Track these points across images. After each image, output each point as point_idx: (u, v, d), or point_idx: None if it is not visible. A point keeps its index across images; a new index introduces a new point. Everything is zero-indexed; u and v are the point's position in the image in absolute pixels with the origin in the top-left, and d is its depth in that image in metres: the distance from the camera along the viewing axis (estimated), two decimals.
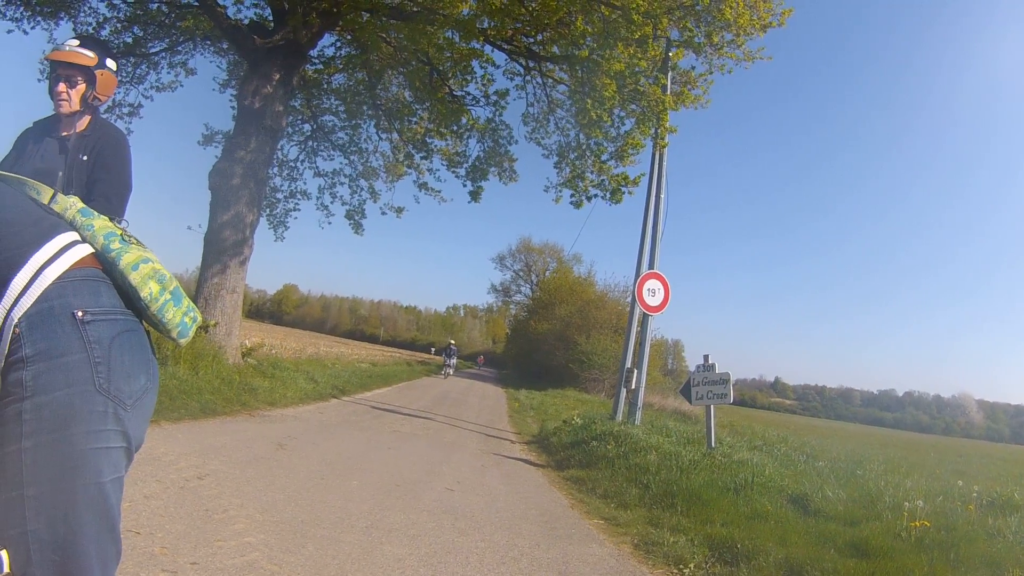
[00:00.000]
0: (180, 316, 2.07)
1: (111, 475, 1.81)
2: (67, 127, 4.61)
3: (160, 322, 2.03)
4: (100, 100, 4.56)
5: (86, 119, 4.65)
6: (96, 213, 2.05)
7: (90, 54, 4.47)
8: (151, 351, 2.03)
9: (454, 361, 52.12)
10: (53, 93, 4.52)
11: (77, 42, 4.57)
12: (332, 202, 23.52)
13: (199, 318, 2.18)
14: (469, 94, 20.08)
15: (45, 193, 2.03)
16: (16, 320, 1.75)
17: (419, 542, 6.09)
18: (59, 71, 4.50)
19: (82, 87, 4.50)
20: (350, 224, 23.49)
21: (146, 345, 2.00)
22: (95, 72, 4.48)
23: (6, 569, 1.69)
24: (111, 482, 1.81)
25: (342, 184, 23.47)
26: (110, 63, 4.56)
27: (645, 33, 14.36)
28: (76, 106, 4.51)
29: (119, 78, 4.75)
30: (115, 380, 1.82)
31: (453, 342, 53.79)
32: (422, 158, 22.39)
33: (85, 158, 4.53)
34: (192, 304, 2.13)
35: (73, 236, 1.95)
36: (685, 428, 16.21)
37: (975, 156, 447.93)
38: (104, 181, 4.57)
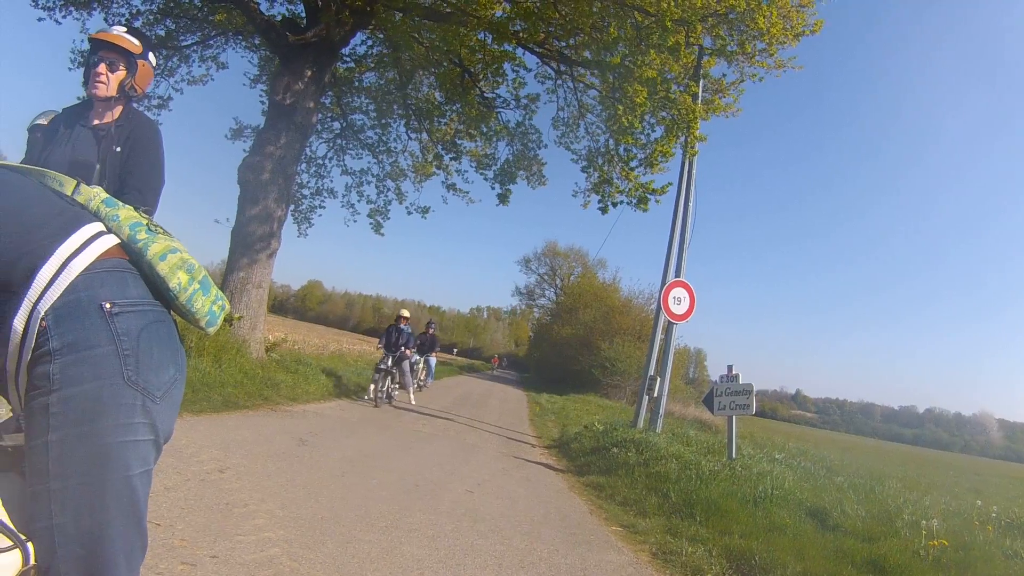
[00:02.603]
0: (209, 305, 2.05)
1: (139, 468, 1.80)
2: (97, 115, 4.60)
3: (189, 312, 2.01)
4: (137, 91, 4.56)
5: (118, 109, 4.64)
6: (120, 203, 2.03)
7: (136, 42, 4.49)
8: (179, 342, 2.01)
9: (432, 361, 26.57)
10: (90, 75, 4.52)
11: (125, 29, 4.59)
12: (358, 201, 23.60)
13: (227, 306, 2.15)
14: (500, 96, 20.16)
15: (68, 184, 2.01)
16: (43, 313, 1.73)
17: (438, 543, 6.09)
18: (101, 53, 4.51)
19: (122, 73, 4.50)
20: (371, 224, 23.51)
21: (174, 336, 1.98)
22: (137, 61, 4.49)
23: (32, 562, 1.68)
24: (139, 475, 1.80)
25: (369, 183, 23.53)
26: (151, 57, 4.60)
27: (678, 40, 14.31)
28: (113, 91, 4.51)
29: (154, 71, 4.78)
30: (144, 372, 1.81)
31: (407, 314, 20.57)
32: (451, 159, 22.45)
33: (119, 149, 4.52)
34: (220, 292, 2.11)
35: (98, 227, 1.93)
36: (706, 438, 16.17)
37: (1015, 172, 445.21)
38: (138, 175, 4.56)
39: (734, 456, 11.90)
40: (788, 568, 6.51)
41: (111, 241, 1.91)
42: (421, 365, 24.51)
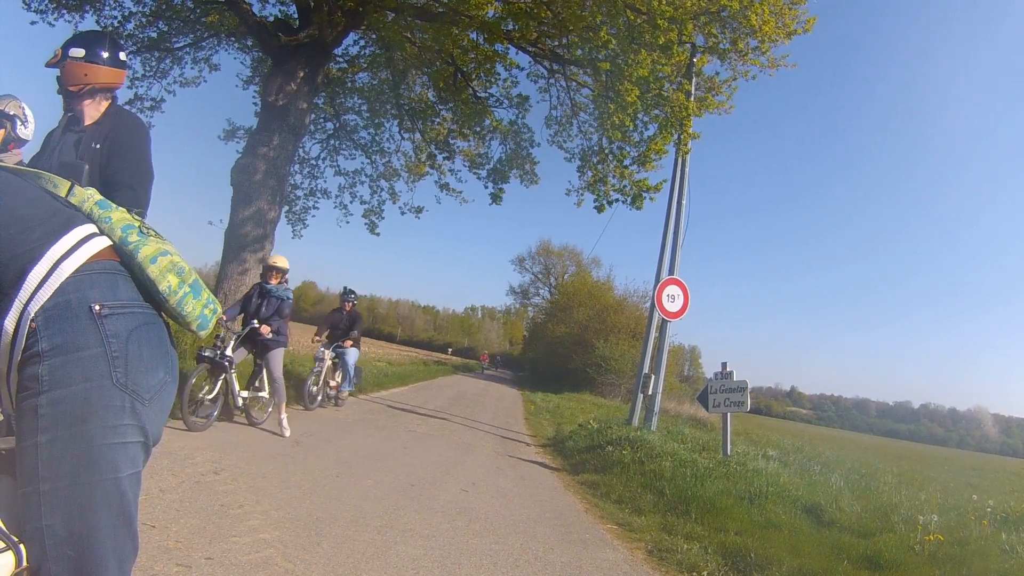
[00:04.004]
0: (200, 308, 2.06)
1: (128, 470, 1.80)
2: (82, 120, 4.65)
3: (179, 315, 2.02)
4: (72, 90, 4.55)
5: (100, 109, 4.66)
6: (114, 205, 2.04)
7: (57, 52, 4.53)
8: (170, 344, 2.02)
9: (351, 358, 16.01)
10: None
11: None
12: (352, 201, 23.55)
13: (219, 309, 2.17)
14: (492, 96, 20.12)
15: (62, 186, 2.02)
16: (32, 314, 1.74)
17: (433, 543, 6.08)
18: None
19: (61, 84, 4.57)
20: (366, 224, 23.48)
21: (165, 339, 1.99)
22: (60, 67, 4.52)
23: (24, 563, 1.68)
24: (128, 477, 1.81)
25: (362, 183, 23.48)
26: (73, 51, 4.53)
27: (670, 39, 14.32)
28: (64, 103, 4.59)
29: (104, 63, 4.69)
30: (132, 374, 1.81)
31: (281, 264, 11.22)
32: (444, 158, 22.39)
33: (98, 146, 4.53)
34: (212, 296, 2.12)
35: (91, 229, 1.94)
36: (700, 435, 16.15)
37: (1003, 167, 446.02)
38: (125, 170, 4.56)
39: (729, 453, 11.91)
40: (784, 564, 6.51)
41: (103, 243, 1.92)
42: (328, 361, 15.11)
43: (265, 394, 10.99)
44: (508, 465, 11.77)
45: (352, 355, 15.77)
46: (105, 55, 4.63)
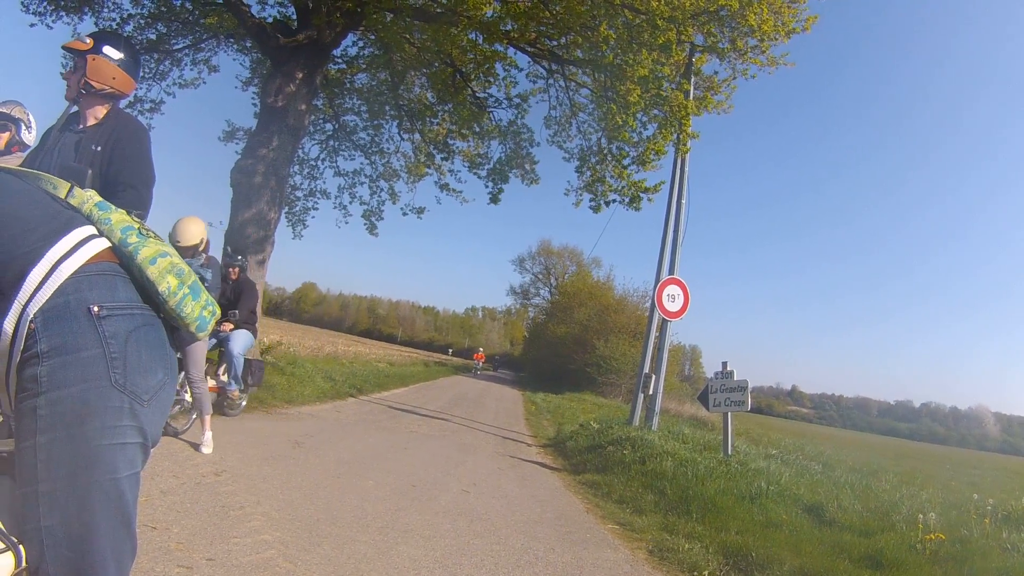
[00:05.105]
0: (199, 310, 2.06)
1: (127, 471, 1.81)
2: (84, 120, 4.66)
3: (178, 316, 2.01)
4: (93, 86, 4.55)
5: (103, 111, 4.67)
6: (113, 207, 2.05)
7: (87, 40, 4.53)
8: (169, 346, 2.02)
9: (238, 347, 10.57)
10: None
11: (88, 33, 4.65)
12: (351, 202, 23.51)
13: (217, 311, 2.17)
14: (491, 96, 20.10)
15: (62, 187, 2.03)
16: (32, 315, 1.74)
17: (434, 543, 6.08)
18: (71, 60, 4.61)
19: (79, 73, 4.54)
20: (365, 225, 23.41)
21: (164, 340, 1.99)
22: (87, 56, 4.51)
23: (23, 564, 1.68)
24: (127, 478, 1.81)
25: (362, 184, 23.45)
26: (109, 50, 4.56)
27: (669, 38, 14.30)
28: (73, 92, 4.57)
29: (130, 71, 4.72)
30: (131, 375, 1.81)
31: (186, 236, 7.74)
32: (443, 159, 22.35)
33: (99, 148, 4.54)
34: (211, 297, 2.12)
35: (90, 230, 1.94)
36: (701, 435, 16.12)
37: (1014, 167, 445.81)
38: (127, 171, 4.58)
39: (730, 453, 11.90)
40: (785, 564, 6.52)
41: (102, 244, 1.92)
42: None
43: (188, 397, 8.87)
44: (509, 466, 11.77)
45: (239, 341, 10.76)
46: (132, 63, 4.67)
